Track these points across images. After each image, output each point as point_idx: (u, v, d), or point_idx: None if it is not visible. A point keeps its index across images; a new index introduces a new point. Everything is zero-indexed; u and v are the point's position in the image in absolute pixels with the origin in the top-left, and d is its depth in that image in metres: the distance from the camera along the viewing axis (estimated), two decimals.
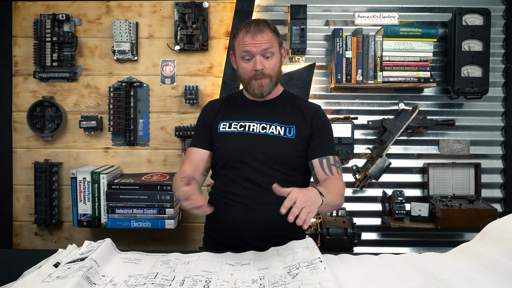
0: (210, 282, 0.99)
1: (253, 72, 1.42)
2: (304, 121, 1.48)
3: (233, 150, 1.45)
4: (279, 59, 1.48)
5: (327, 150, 1.47)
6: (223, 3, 2.25)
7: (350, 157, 2.19)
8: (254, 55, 1.41)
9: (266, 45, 1.41)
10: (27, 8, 2.24)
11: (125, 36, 2.17)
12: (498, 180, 2.29)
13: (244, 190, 1.42)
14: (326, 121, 1.53)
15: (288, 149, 1.45)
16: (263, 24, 1.43)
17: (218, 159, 1.50)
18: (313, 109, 1.52)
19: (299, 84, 2.23)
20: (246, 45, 1.41)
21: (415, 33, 2.12)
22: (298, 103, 1.55)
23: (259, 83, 1.44)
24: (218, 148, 1.50)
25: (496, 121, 2.28)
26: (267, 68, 1.43)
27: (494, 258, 1.02)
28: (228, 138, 1.48)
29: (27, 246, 2.28)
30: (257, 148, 1.44)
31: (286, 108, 1.52)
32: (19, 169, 2.27)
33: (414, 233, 2.29)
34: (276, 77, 1.47)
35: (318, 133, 1.48)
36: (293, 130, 1.47)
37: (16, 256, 1.27)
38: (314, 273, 0.93)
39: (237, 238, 1.41)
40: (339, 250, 1.92)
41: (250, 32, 1.41)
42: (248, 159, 1.43)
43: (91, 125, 2.20)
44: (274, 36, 1.45)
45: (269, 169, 1.43)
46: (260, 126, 1.48)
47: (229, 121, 1.51)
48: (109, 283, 0.97)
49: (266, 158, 1.43)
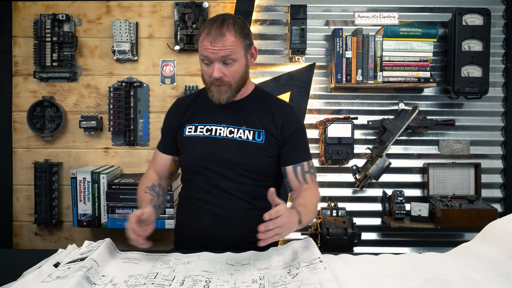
0: (210, 282, 0.99)
1: (212, 78, 1.32)
2: (274, 126, 1.39)
3: (199, 156, 1.38)
4: (244, 64, 1.35)
5: (300, 156, 1.40)
6: (223, 3, 2.25)
7: (350, 157, 2.19)
8: (212, 61, 1.30)
9: (225, 53, 1.28)
10: (27, 8, 2.24)
11: (125, 36, 2.17)
12: (498, 180, 2.29)
13: (212, 197, 1.37)
14: (298, 124, 1.43)
15: (257, 155, 1.37)
16: (226, 27, 1.29)
17: (185, 164, 1.45)
18: (285, 113, 1.42)
19: (299, 84, 2.23)
20: (204, 49, 1.29)
21: (415, 33, 2.12)
22: (269, 104, 1.44)
23: (218, 90, 1.34)
24: (184, 153, 1.44)
25: (496, 121, 2.28)
26: (227, 76, 1.31)
27: (494, 258, 1.02)
28: (194, 143, 1.40)
29: (27, 246, 2.28)
30: (224, 154, 1.36)
31: (255, 110, 1.42)
32: (19, 169, 2.27)
33: (414, 233, 2.29)
34: (237, 84, 1.35)
35: (291, 139, 1.40)
36: (262, 135, 1.38)
37: (16, 256, 1.27)
38: (314, 273, 0.93)
39: (206, 245, 1.35)
40: (339, 250, 1.92)
41: (210, 36, 1.28)
42: (215, 165, 1.37)
43: (91, 125, 2.20)
44: (239, 40, 1.30)
45: (237, 175, 1.36)
46: (227, 130, 1.39)
47: (195, 123, 1.43)
48: (109, 283, 0.97)
49: (233, 165, 1.36)
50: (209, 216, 1.38)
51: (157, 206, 1.37)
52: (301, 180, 1.39)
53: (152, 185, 1.43)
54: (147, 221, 1.19)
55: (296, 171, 1.39)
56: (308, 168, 1.41)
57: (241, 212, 1.37)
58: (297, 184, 1.39)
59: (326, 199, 2.28)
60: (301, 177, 1.39)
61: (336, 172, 2.28)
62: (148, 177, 1.47)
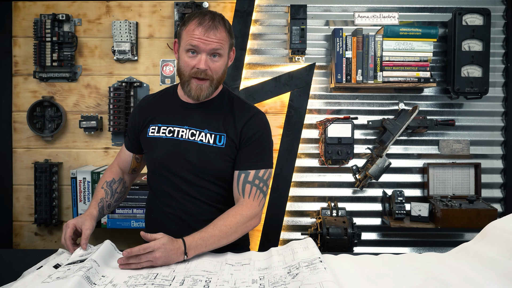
0: (210, 282, 0.99)
1: (195, 69, 1.27)
2: (234, 130, 1.34)
3: (160, 157, 1.36)
4: (226, 62, 1.33)
5: (250, 163, 1.32)
6: (223, 3, 2.25)
7: (350, 157, 2.19)
8: (200, 52, 1.26)
9: (216, 45, 1.26)
10: (27, 8, 2.24)
11: (125, 36, 2.17)
12: (498, 180, 2.29)
13: (174, 201, 1.35)
14: (259, 129, 1.35)
15: (217, 159, 1.32)
16: (218, 21, 1.28)
17: (148, 164, 1.43)
18: (246, 117, 1.35)
19: (299, 84, 2.23)
20: (195, 39, 1.25)
21: (415, 33, 2.12)
22: (233, 107, 1.38)
23: (199, 85, 1.29)
24: (146, 153, 1.42)
25: (496, 121, 2.28)
26: (211, 69, 1.28)
27: (494, 258, 1.02)
28: (156, 144, 1.37)
29: (27, 246, 2.28)
30: (184, 156, 1.33)
31: (219, 113, 1.37)
32: (19, 169, 2.27)
33: (414, 233, 2.29)
34: (217, 81, 1.32)
35: (247, 143, 1.33)
36: (223, 139, 1.33)
37: (16, 256, 1.28)
38: (314, 273, 0.93)
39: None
40: (339, 250, 1.92)
41: (203, 26, 1.25)
42: (176, 168, 1.33)
43: (91, 125, 2.20)
44: (227, 36, 1.30)
45: (198, 179, 1.33)
46: (189, 132, 1.35)
47: (159, 124, 1.39)
48: (109, 284, 0.97)
49: (194, 168, 1.32)
50: (173, 221, 1.35)
51: (106, 206, 1.39)
52: (240, 190, 1.31)
53: (111, 181, 1.46)
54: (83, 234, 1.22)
55: (239, 178, 1.32)
56: (253, 178, 1.31)
57: (205, 215, 1.33)
58: (236, 193, 1.32)
59: (326, 199, 2.28)
60: (241, 187, 1.31)
61: (336, 172, 2.28)
62: (111, 169, 1.50)
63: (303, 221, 2.29)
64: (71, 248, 1.20)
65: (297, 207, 2.28)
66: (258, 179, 1.32)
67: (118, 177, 1.48)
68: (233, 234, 1.24)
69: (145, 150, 1.43)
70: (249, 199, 1.30)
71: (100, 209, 1.36)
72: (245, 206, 1.28)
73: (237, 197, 1.33)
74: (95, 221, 1.30)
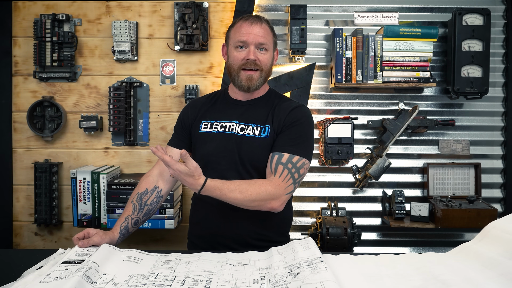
0: (211, 282, 0.99)
1: (244, 61, 1.37)
2: (278, 120, 1.41)
3: (213, 151, 1.42)
4: (272, 58, 1.45)
5: (286, 146, 1.36)
6: (223, 3, 2.25)
7: (350, 157, 2.19)
8: (248, 45, 1.38)
9: (262, 39, 1.38)
10: (27, 8, 2.24)
11: (125, 36, 2.17)
12: (498, 180, 2.29)
13: None
14: (299, 118, 1.41)
15: (261, 150, 1.39)
16: (261, 18, 1.42)
17: (198, 159, 1.41)
18: (290, 107, 1.43)
19: (299, 84, 2.23)
20: (243, 34, 1.37)
21: (415, 33, 2.12)
22: (280, 102, 1.48)
23: (249, 75, 1.38)
24: (198, 148, 1.47)
25: (496, 121, 2.28)
26: (260, 60, 1.39)
27: (494, 258, 1.02)
28: (208, 139, 1.45)
29: (27, 246, 2.28)
30: (234, 149, 1.40)
31: (266, 108, 1.46)
32: (19, 169, 2.27)
33: (414, 233, 2.29)
34: (266, 73, 1.42)
35: (285, 128, 1.39)
36: (267, 130, 1.41)
37: (16, 256, 1.27)
38: (315, 273, 0.93)
39: (217, 241, 1.39)
40: (339, 250, 1.92)
41: (248, 21, 1.38)
42: (226, 160, 1.40)
43: (91, 125, 2.20)
44: (271, 34, 1.43)
45: (246, 171, 1.40)
46: (239, 126, 1.43)
47: (211, 120, 1.48)
48: (110, 282, 0.97)
49: (242, 160, 1.40)
50: (218, 213, 1.40)
51: (131, 224, 1.37)
52: (272, 168, 1.34)
53: (143, 192, 1.43)
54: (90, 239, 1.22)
55: (273, 158, 1.35)
56: (286, 161, 1.33)
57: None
58: (269, 171, 1.35)
59: (326, 199, 2.28)
60: (274, 166, 1.34)
61: (336, 172, 2.29)
62: (146, 178, 1.48)
63: (303, 221, 2.29)
64: (76, 240, 1.21)
65: (297, 207, 2.28)
66: (291, 163, 1.33)
67: (152, 186, 1.45)
68: (250, 202, 1.28)
69: (197, 145, 1.48)
70: (279, 179, 1.32)
71: (123, 230, 1.34)
72: (272, 183, 1.31)
73: (269, 175, 1.36)
74: (111, 241, 1.27)
